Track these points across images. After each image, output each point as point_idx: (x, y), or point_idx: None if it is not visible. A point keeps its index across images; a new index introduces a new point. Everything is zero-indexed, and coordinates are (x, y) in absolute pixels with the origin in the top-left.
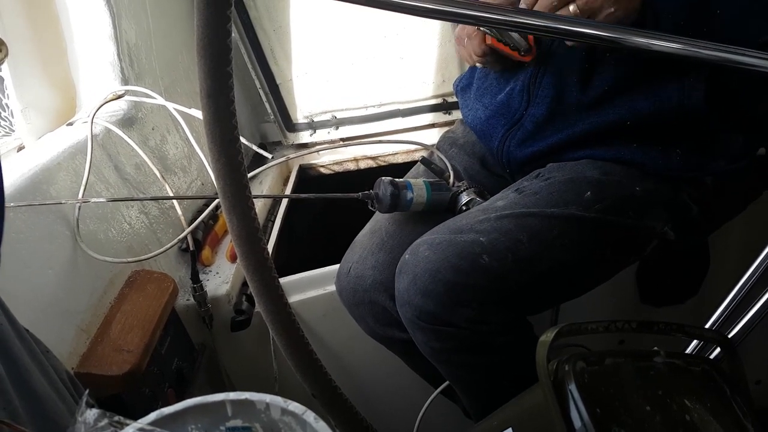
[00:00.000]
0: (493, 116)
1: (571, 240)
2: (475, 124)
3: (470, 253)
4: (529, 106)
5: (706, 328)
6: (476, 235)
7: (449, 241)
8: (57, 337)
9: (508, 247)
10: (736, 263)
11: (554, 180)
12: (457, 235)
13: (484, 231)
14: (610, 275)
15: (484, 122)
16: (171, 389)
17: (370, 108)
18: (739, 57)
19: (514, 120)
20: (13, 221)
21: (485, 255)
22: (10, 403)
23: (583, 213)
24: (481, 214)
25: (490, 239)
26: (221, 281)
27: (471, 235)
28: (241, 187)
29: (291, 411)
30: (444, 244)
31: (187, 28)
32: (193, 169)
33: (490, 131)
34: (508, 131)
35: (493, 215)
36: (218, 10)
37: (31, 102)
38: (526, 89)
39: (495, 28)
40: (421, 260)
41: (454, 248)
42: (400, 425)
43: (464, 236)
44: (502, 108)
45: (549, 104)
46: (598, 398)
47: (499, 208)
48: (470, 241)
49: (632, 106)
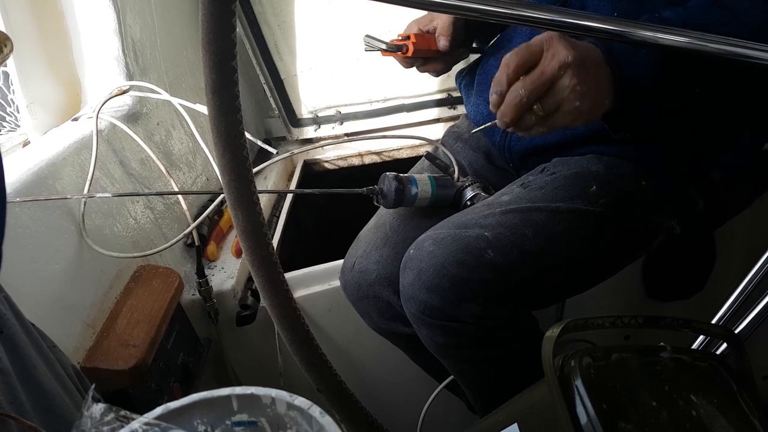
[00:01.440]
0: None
1: (577, 235)
2: (477, 119)
3: (475, 248)
4: None
5: (713, 324)
6: (481, 230)
7: (454, 236)
8: (63, 331)
9: (513, 242)
10: (742, 258)
11: (559, 174)
12: (462, 230)
13: (489, 226)
14: (616, 270)
15: (486, 117)
16: (177, 384)
17: (374, 103)
18: (747, 51)
19: None
20: (18, 216)
21: (490, 250)
22: (17, 398)
23: (588, 207)
24: (486, 208)
25: (495, 234)
26: (226, 276)
27: (476, 230)
28: (246, 181)
29: (297, 405)
30: (449, 239)
31: (192, 24)
32: (198, 165)
33: (492, 127)
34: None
35: (498, 210)
36: (223, 4)
37: (37, 97)
38: None
39: (366, 42)
40: (426, 255)
41: (458, 243)
42: (405, 419)
43: (469, 231)
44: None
45: None
46: (604, 394)
47: (504, 203)
48: (475, 236)
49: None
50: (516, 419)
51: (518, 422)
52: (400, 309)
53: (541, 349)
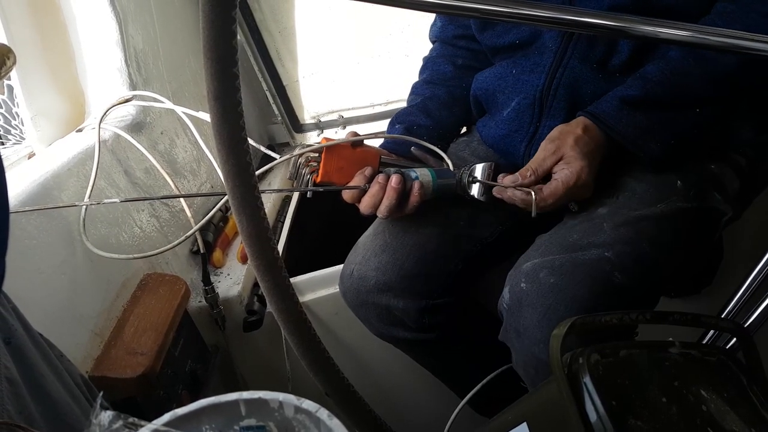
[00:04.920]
0: (508, 134)
1: (689, 236)
2: (492, 141)
3: (602, 271)
4: (542, 118)
5: (722, 318)
6: (599, 249)
7: (572, 261)
8: (71, 341)
9: (635, 260)
10: (750, 252)
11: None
12: (578, 253)
13: (605, 245)
14: None
15: (500, 140)
16: (185, 391)
17: (377, 106)
18: (750, 43)
19: (530, 134)
20: (25, 227)
21: (617, 273)
22: (26, 408)
23: (685, 204)
24: (587, 222)
25: (617, 252)
26: (232, 282)
27: (593, 250)
28: (249, 187)
29: (305, 409)
30: (567, 265)
31: (193, 32)
32: (203, 172)
33: (510, 148)
34: (528, 145)
35: (606, 225)
36: (223, 11)
37: (41, 109)
38: (537, 102)
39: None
40: (549, 289)
41: (582, 269)
42: (415, 421)
43: (587, 253)
44: (513, 124)
45: (566, 115)
46: (613, 390)
47: (606, 216)
48: (596, 258)
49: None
50: (525, 418)
51: (528, 421)
52: (400, 314)
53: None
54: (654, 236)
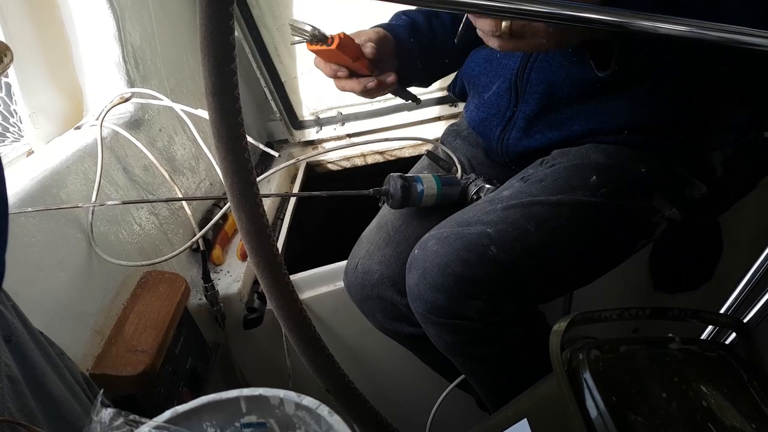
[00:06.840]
0: (486, 117)
1: (579, 226)
2: (473, 124)
3: (478, 245)
4: (518, 103)
5: (721, 314)
6: (483, 226)
7: (457, 234)
8: (71, 339)
9: (515, 237)
10: (749, 247)
11: (559, 166)
12: (465, 227)
13: (491, 222)
14: (620, 260)
15: (479, 123)
16: (186, 388)
17: (375, 103)
18: (748, 38)
19: (506, 118)
20: (25, 225)
21: (493, 246)
22: (27, 406)
23: (589, 198)
24: (488, 205)
25: (497, 230)
26: (232, 280)
27: (478, 227)
28: (248, 184)
29: (305, 405)
30: (452, 237)
31: (191, 29)
32: (201, 170)
33: (486, 132)
34: (503, 130)
35: (500, 206)
36: (220, 6)
37: (39, 107)
38: (513, 86)
39: (292, 30)
40: (430, 255)
41: (461, 241)
42: (415, 418)
43: (472, 228)
44: (492, 107)
45: (539, 100)
46: (613, 386)
47: (505, 198)
48: (477, 233)
49: (631, 97)
50: (526, 414)
51: (528, 417)
52: (405, 309)
53: (549, 343)
54: (543, 220)
